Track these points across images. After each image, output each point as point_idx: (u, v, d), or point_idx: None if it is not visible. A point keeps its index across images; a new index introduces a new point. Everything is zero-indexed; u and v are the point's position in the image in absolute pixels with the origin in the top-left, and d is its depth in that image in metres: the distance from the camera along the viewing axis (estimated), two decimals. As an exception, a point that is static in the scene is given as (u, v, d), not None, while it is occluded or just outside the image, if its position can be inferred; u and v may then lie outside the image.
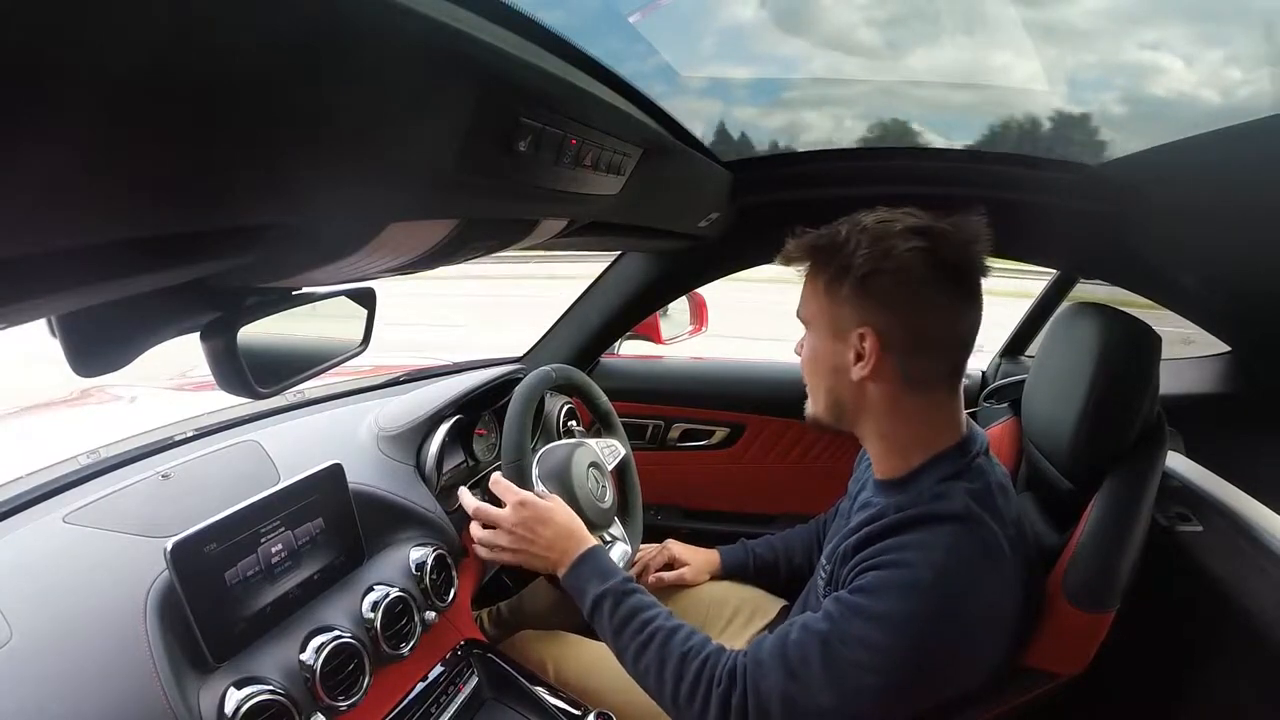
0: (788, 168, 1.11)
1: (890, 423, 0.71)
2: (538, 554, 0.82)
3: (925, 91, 0.97)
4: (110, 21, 0.19)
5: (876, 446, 0.75)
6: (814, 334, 0.74)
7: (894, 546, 0.65)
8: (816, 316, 0.72)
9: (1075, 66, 0.86)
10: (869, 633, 0.63)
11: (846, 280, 0.68)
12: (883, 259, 0.66)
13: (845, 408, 0.73)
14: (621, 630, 0.74)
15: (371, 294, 0.62)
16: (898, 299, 0.66)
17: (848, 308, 0.69)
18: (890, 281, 0.66)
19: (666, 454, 1.52)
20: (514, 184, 0.50)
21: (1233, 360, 1.34)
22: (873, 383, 0.69)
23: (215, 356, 0.46)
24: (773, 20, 0.87)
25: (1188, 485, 0.92)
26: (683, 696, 0.70)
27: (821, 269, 0.71)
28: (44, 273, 0.28)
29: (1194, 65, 0.76)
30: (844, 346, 0.70)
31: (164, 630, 0.61)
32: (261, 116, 0.27)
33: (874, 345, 0.67)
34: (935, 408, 0.71)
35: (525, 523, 0.82)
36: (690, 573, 1.08)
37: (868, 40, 0.87)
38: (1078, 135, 0.95)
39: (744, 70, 0.96)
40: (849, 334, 0.69)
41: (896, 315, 0.67)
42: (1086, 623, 0.70)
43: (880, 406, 0.71)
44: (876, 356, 0.67)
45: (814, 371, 0.74)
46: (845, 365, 0.70)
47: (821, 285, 0.71)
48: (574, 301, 1.44)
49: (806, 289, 0.74)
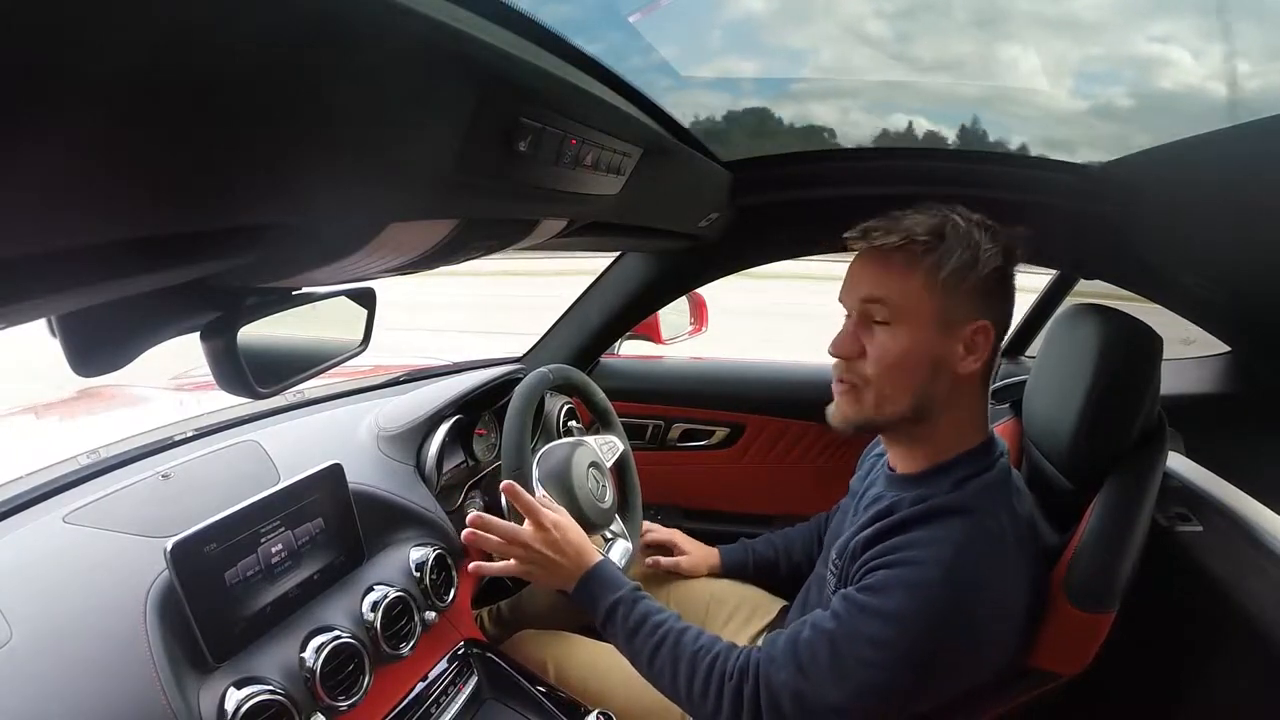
0: (787, 168, 1.11)
1: (956, 417, 0.72)
2: (553, 573, 0.81)
3: (930, 87, 0.97)
4: (110, 21, 0.19)
5: (922, 443, 0.73)
6: (907, 327, 0.68)
7: (903, 544, 0.66)
8: (918, 309, 0.67)
9: (1083, 60, 0.86)
10: (877, 631, 0.63)
11: (972, 273, 0.67)
12: (1000, 255, 0.68)
13: (934, 403, 0.70)
14: (635, 634, 0.75)
15: (371, 294, 0.62)
16: (1006, 294, 0.71)
17: (965, 300, 0.67)
18: (1001, 278, 0.70)
19: (666, 454, 1.52)
20: (514, 184, 0.50)
21: (1233, 360, 1.34)
22: (970, 377, 0.70)
23: (215, 356, 0.46)
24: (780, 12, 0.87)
25: (1188, 485, 0.92)
26: (696, 692, 0.71)
27: (941, 257, 0.67)
28: (44, 273, 0.28)
29: (1202, 59, 0.76)
30: (952, 340, 0.68)
31: (164, 630, 0.61)
32: (262, 116, 0.27)
33: (990, 339, 0.69)
34: (982, 404, 0.74)
35: (551, 544, 0.80)
36: (687, 562, 1.09)
37: (876, 32, 0.87)
38: (1082, 132, 0.95)
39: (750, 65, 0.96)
40: (962, 327, 0.68)
41: (1002, 310, 0.71)
42: (1087, 623, 0.70)
43: (964, 400, 0.71)
44: (990, 350, 0.69)
45: (901, 367, 0.69)
46: (951, 358, 0.68)
47: (938, 278, 0.66)
48: (574, 301, 1.44)
49: (897, 281, 0.68)
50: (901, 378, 0.69)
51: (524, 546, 0.81)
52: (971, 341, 0.68)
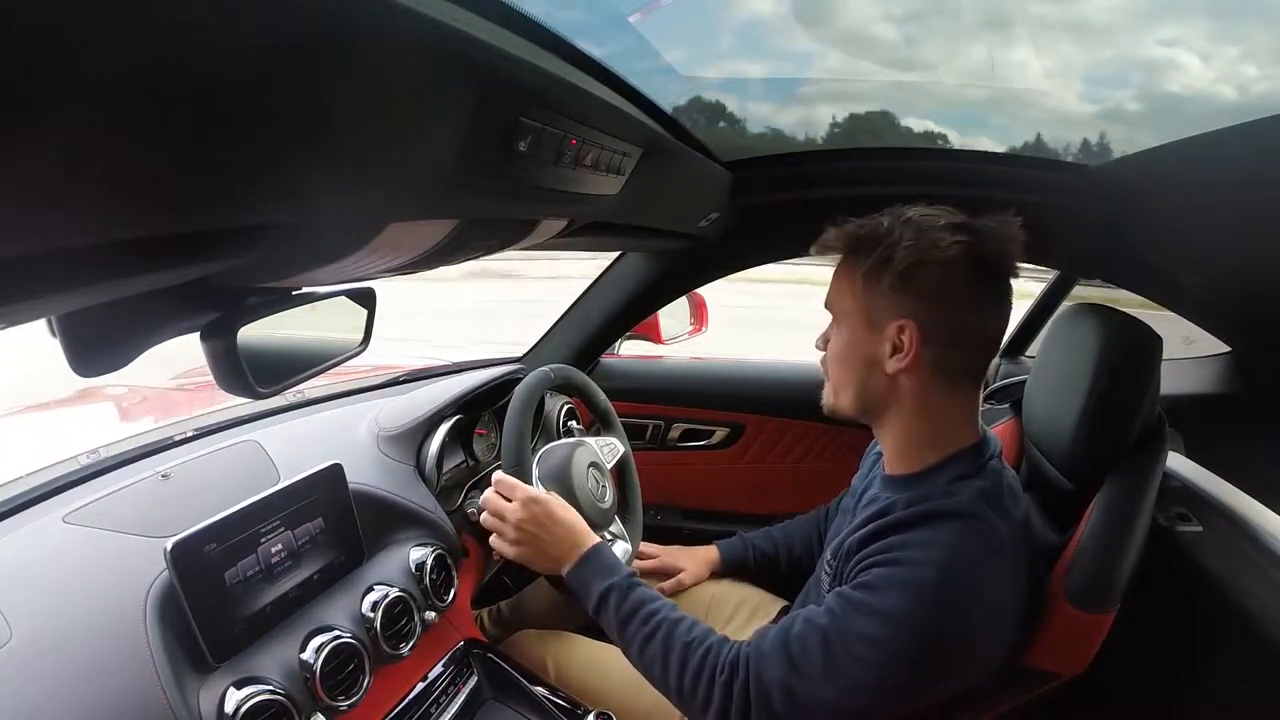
0: (787, 168, 1.11)
1: (915, 418, 0.71)
2: (542, 551, 0.82)
3: (937, 89, 0.97)
4: (110, 21, 0.19)
5: (895, 441, 0.74)
6: (846, 325, 0.73)
7: (899, 544, 0.66)
8: (851, 307, 0.71)
9: (1091, 63, 0.86)
10: (870, 628, 0.63)
11: (888, 272, 0.67)
12: (928, 251, 0.66)
13: (874, 401, 0.72)
14: (627, 623, 0.75)
15: (371, 294, 0.62)
16: (940, 293, 0.67)
17: (887, 299, 0.68)
18: (933, 275, 0.66)
19: (666, 454, 1.52)
20: (514, 184, 0.51)
21: (1233, 360, 1.34)
22: (906, 376, 0.69)
23: (215, 356, 0.46)
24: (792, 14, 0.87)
25: (1188, 485, 0.92)
26: (686, 685, 0.70)
27: (861, 259, 0.70)
28: (44, 273, 0.28)
29: (1210, 61, 0.76)
30: (879, 338, 0.69)
31: (164, 630, 0.61)
32: (262, 116, 0.27)
33: (914, 338, 0.67)
34: (959, 406, 0.72)
35: (534, 519, 0.82)
36: (688, 577, 1.08)
37: (885, 36, 0.87)
38: (1090, 134, 0.95)
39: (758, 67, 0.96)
40: (887, 326, 0.68)
41: (937, 309, 0.67)
42: (1086, 623, 0.70)
43: (909, 401, 0.71)
44: (916, 350, 0.67)
45: (843, 363, 0.73)
46: (880, 357, 0.70)
47: (859, 276, 0.70)
48: (574, 301, 1.44)
49: (840, 280, 0.73)
50: (842, 372, 0.74)
51: (512, 525, 0.83)
52: (897, 340, 0.68)
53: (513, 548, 0.84)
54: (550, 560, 0.82)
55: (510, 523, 0.83)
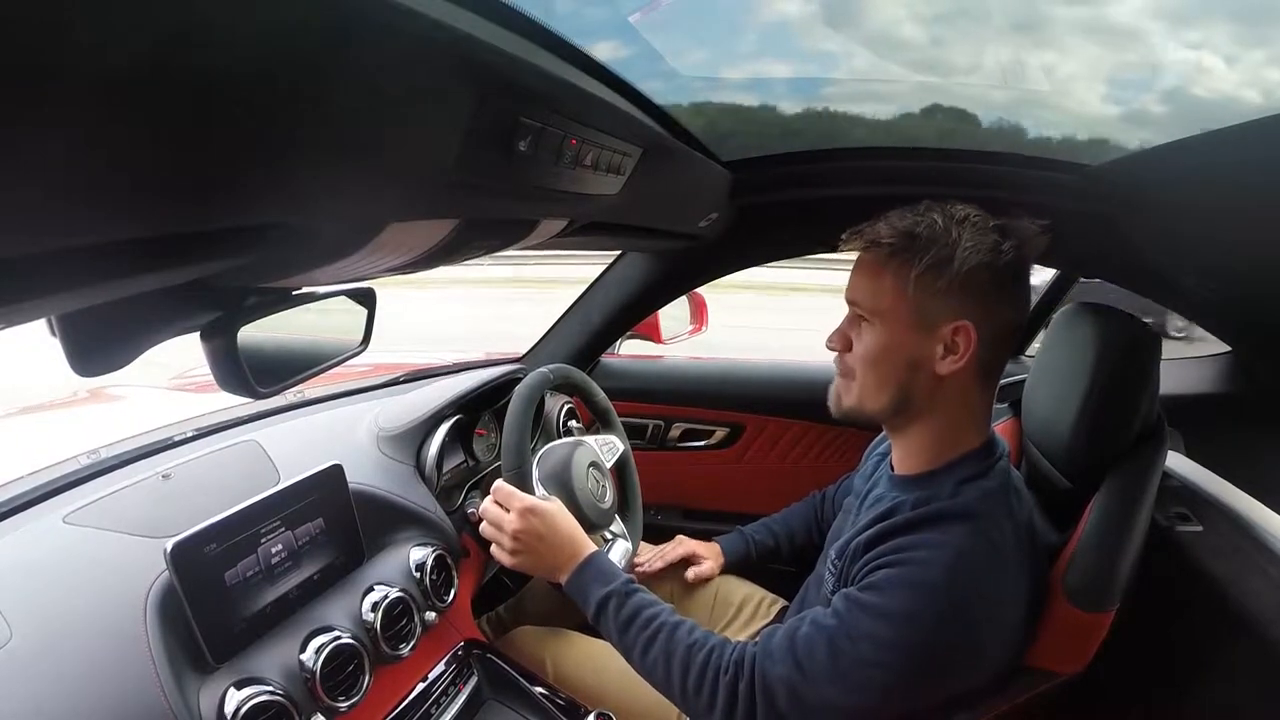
0: (787, 168, 1.11)
1: (947, 418, 0.71)
2: (540, 560, 0.82)
3: (962, 91, 0.96)
4: (110, 21, 0.19)
5: (918, 441, 0.73)
6: (884, 325, 0.70)
7: (906, 545, 0.66)
8: (893, 306, 0.69)
9: (1116, 66, 0.85)
10: (877, 629, 0.63)
11: (947, 273, 0.66)
12: (989, 254, 0.66)
13: (914, 401, 0.71)
14: (627, 628, 0.75)
15: (371, 294, 0.62)
16: (996, 295, 0.67)
17: (942, 300, 0.67)
18: (990, 276, 0.66)
19: (666, 454, 1.52)
20: (514, 184, 0.50)
21: (1233, 360, 1.34)
22: (954, 378, 0.69)
23: (215, 356, 0.46)
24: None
25: (1188, 485, 0.92)
26: (690, 687, 0.70)
27: (913, 258, 0.67)
28: (44, 273, 0.28)
29: (1235, 65, 0.75)
30: (930, 339, 0.68)
31: (164, 630, 0.61)
32: (262, 116, 0.27)
33: (971, 340, 0.67)
34: (985, 405, 0.72)
35: (531, 529, 0.82)
36: (708, 568, 1.10)
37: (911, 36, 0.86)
38: (1114, 137, 0.94)
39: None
40: (940, 327, 0.67)
41: (993, 311, 0.67)
42: (1086, 622, 0.70)
43: (951, 401, 0.70)
44: (973, 351, 0.67)
45: (879, 364, 0.70)
46: (928, 358, 0.68)
47: (909, 275, 0.67)
48: (574, 301, 1.44)
49: (879, 278, 0.69)
50: (879, 374, 0.71)
51: (510, 535, 0.82)
52: (951, 342, 0.67)
53: (511, 557, 0.83)
54: (548, 569, 0.82)
55: (508, 533, 0.82)
